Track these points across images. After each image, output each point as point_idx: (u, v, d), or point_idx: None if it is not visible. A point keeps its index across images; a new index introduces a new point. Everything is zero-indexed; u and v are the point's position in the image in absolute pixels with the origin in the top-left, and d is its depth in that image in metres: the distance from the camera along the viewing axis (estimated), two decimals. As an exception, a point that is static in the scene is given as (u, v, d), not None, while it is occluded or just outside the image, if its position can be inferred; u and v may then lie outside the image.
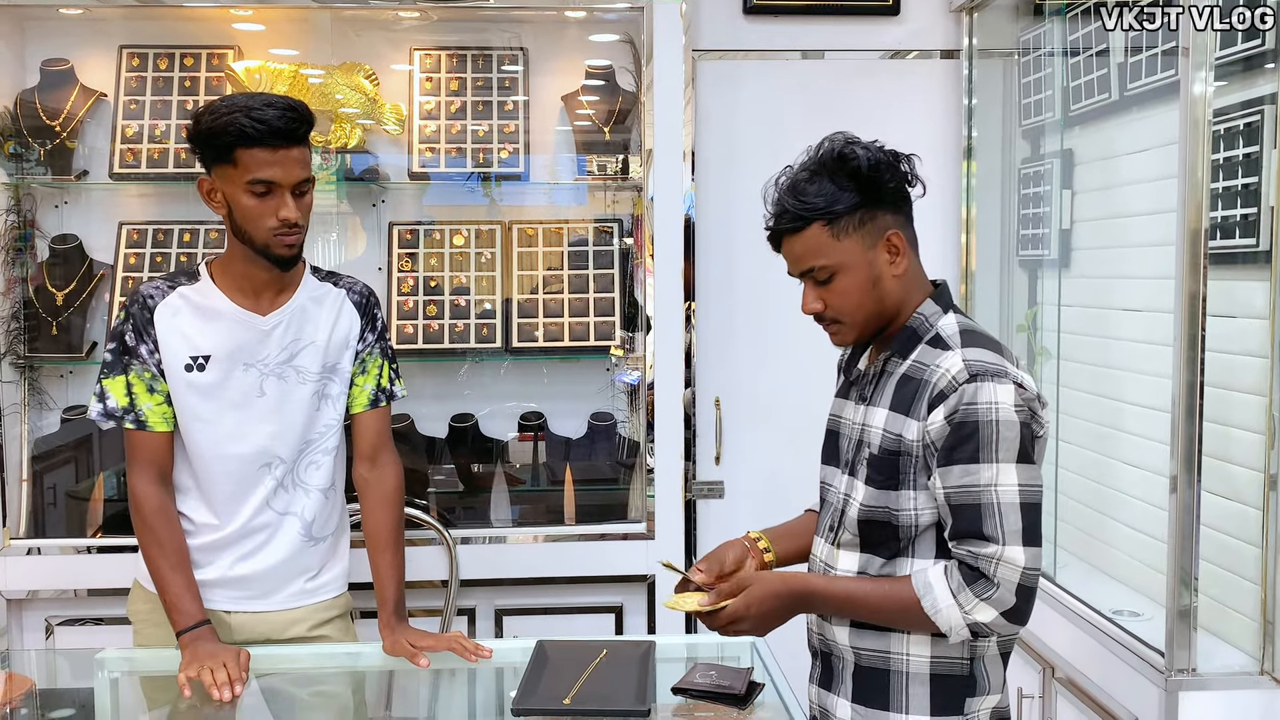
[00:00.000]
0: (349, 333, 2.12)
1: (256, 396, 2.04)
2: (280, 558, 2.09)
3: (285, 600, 2.10)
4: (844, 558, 1.71)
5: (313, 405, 2.08)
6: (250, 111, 1.89)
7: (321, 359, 2.08)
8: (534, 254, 3.15)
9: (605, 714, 1.75)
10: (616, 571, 2.96)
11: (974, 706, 1.65)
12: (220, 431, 2.04)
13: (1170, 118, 2.18)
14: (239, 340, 2.03)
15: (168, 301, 2.04)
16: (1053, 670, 2.48)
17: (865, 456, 1.67)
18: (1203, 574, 2.05)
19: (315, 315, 2.09)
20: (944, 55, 3.19)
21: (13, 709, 1.90)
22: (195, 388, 2.02)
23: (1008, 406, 1.56)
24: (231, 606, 2.09)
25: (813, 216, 1.62)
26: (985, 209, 3.16)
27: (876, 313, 1.67)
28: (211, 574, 2.07)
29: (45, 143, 2.98)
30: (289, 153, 1.93)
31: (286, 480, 2.08)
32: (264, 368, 2.04)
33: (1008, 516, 1.55)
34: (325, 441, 2.11)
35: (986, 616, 1.56)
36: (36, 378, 3.04)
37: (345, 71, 3.02)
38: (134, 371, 2.03)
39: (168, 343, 2.02)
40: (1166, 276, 2.12)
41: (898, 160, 1.65)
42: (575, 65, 3.16)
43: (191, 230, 3.07)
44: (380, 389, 2.17)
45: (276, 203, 1.93)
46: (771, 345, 3.20)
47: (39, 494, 2.99)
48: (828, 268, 1.64)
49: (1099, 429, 2.67)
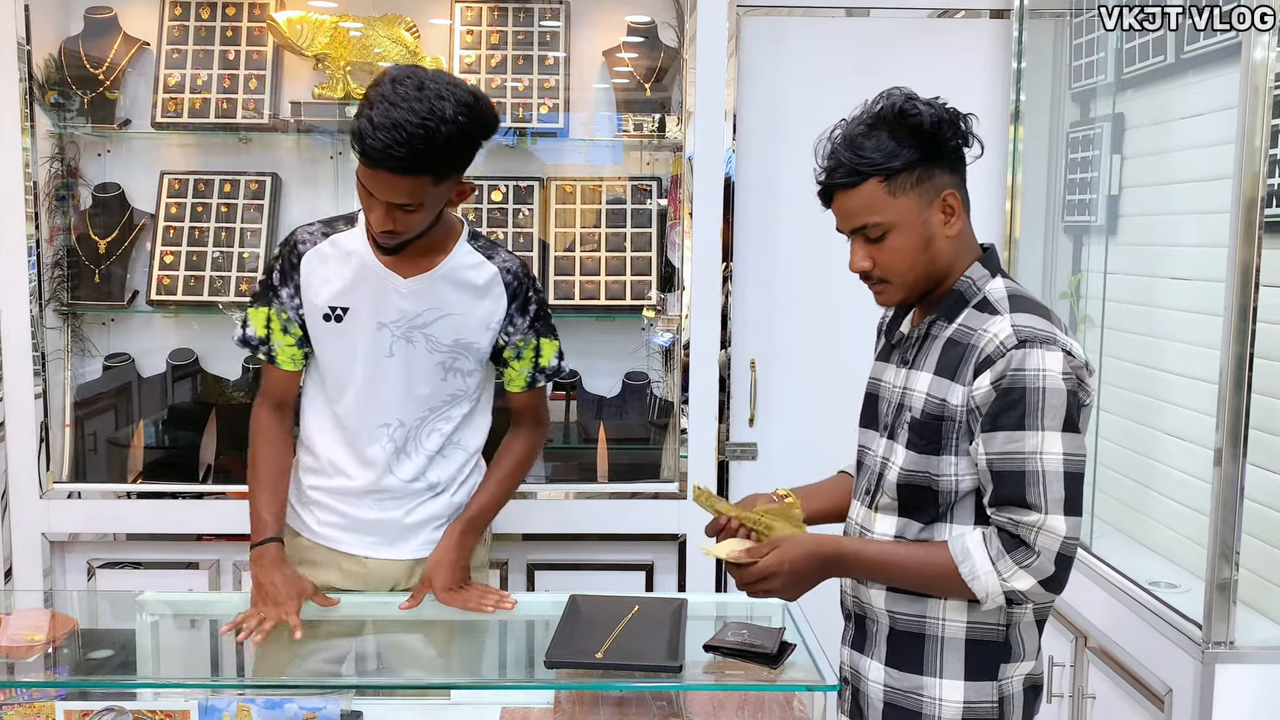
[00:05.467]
0: (491, 314, 2.04)
1: (385, 356, 2.01)
2: (404, 509, 2.09)
3: (417, 549, 2.12)
4: (881, 521, 1.70)
5: (438, 375, 2.04)
6: (371, 121, 1.75)
7: (455, 333, 2.02)
8: (571, 211, 3.13)
9: (637, 668, 1.76)
10: (648, 530, 2.97)
11: (1008, 673, 1.65)
12: (348, 383, 2.03)
13: (1228, 82, 2.13)
14: (376, 298, 1.99)
15: (318, 249, 2.02)
16: (1085, 639, 2.46)
17: (906, 420, 1.65)
18: (1243, 547, 2.02)
19: (459, 287, 2.02)
20: (993, 15, 3.12)
21: (56, 648, 1.93)
22: (331, 337, 2.02)
23: (1055, 374, 1.53)
24: (366, 552, 2.11)
25: (870, 172, 1.58)
26: (1031, 174, 3.10)
27: (926, 274, 1.64)
28: (345, 519, 2.10)
29: (88, 92, 2.99)
30: (389, 178, 1.79)
31: (408, 444, 2.06)
32: (395, 330, 2.01)
33: (1051, 485, 1.53)
34: (450, 409, 2.08)
35: (1024, 584, 1.55)
36: (79, 325, 3.08)
37: (386, 23, 3.00)
38: (274, 308, 2.05)
39: (311, 289, 2.01)
40: (1219, 245, 2.07)
41: (958, 119, 1.61)
42: (617, 20, 3.13)
43: (232, 181, 3.08)
44: (539, 370, 2.14)
45: (374, 204, 1.86)
46: (810, 308, 3.17)
47: (80, 440, 3.04)
48: (881, 225, 1.61)
49: (1141, 399, 2.63)
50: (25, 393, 2.87)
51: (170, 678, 1.96)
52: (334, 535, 2.12)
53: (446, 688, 2.00)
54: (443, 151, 1.79)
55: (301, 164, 3.14)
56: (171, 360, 3.10)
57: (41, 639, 1.84)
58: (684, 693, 1.87)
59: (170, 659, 2.07)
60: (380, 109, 1.76)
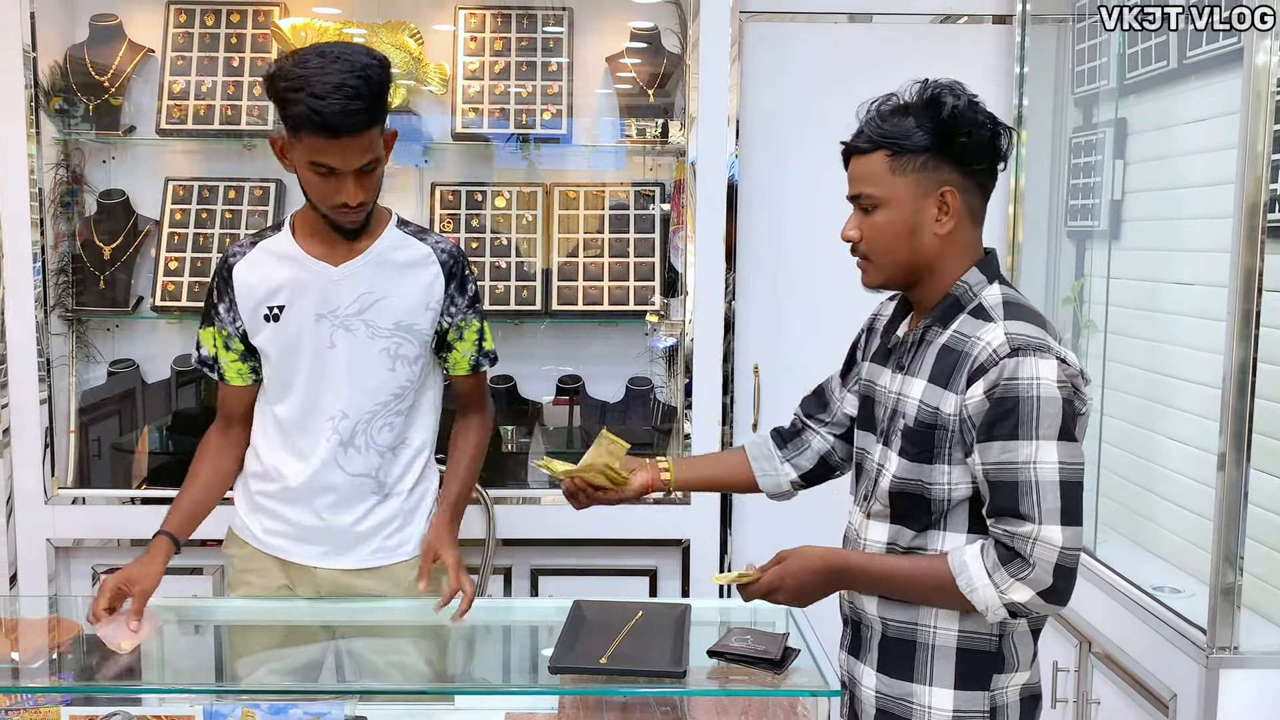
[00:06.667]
0: (429, 294, 2.05)
1: (327, 348, 2.02)
2: (354, 515, 2.08)
3: (365, 558, 2.10)
4: (874, 528, 1.69)
5: (385, 364, 2.04)
6: (313, 98, 1.79)
7: (394, 315, 2.03)
8: (574, 217, 3.14)
9: (641, 674, 1.76)
10: (651, 535, 2.97)
11: (1001, 683, 1.63)
12: (292, 381, 2.04)
13: (1231, 87, 2.13)
14: (310, 290, 2.01)
15: (248, 258, 2.04)
16: (1089, 644, 2.46)
17: (900, 427, 1.65)
18: (1247, 552, 2.02)
19: (392, 269, 2.03)
20: (995, 20, 3.13)
21: (60, 654, 1.94)
22: (272, 337, 2.03)
23: (1050, 382, 1.52)
24: (314, 562, 2.09)
25: (881, 143, 1.60)
26: (1034, 179, 3.10)
27: (907, 264, 1.64)
28: (289, 526, 2.09)
29: (93, 98, 3.00)
30: (353, 140, 1.84)
31: (357, 439, 2.05)
32: (334, 319, 2.01)
33: (1046, 495, 1.52)
34: (399, 404, 2.07)
35: (1023, 596, 1.53)
36: (84, 331, 3.09)
37: (390, 30, 3.01)
38: (215, 325, 2.08)
39: (246, 297, 2.02)
40: (1222, 250, 2.07)
41: (989, 124, 1.60)
42: (620, 26, 3.13)
43: (236, 187, 3.09)
44: (482, 353, 2.15)
45: (337, 184, 1.88)
46: (813, 313, 3.17)
47: (85, 445, 3.05)
48: (874, 198, 1.62)
49: (1145, 404, 2.63)
50: (30, 399, 2.88)
51: (175, 683, 1.96)
52: (280, 544, 2.10)
53: (450, 693, 2.00)
54: (381, 95, 1.87)
55: (305, 170, 3.15)
56: (176, 366, 3.11)
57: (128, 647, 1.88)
58: (688, 698, 1.87)
59: (175, 664, 2.07)
60: (314, 84, 1.80)
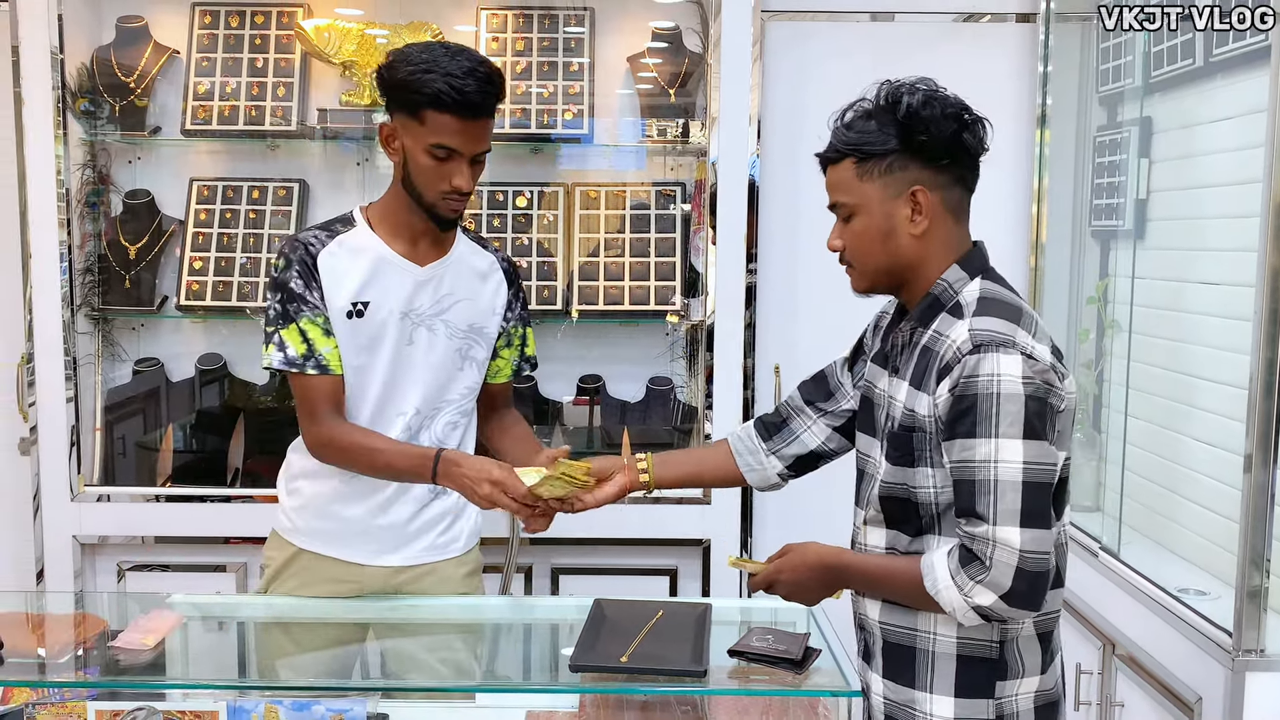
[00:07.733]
0: (497, 299, 2.11)
1: (407, 345, 2.03)
2: (409, 511, 2.07)
3: (416, 555, 2.09)
4: (872, 533, 1.67)
5: (455, 364, 2.06)
6: (450, 77, 1.84)
7: (470, 318, 2.07)
8: (595, 217, 3.14)
9: (662, 673, 1.76)
10: (672, 535, 2.97)
11: (1006, 690, 1.58)
12: (370, 378, 2.02)
13: (1258, 85, 2.11)
14: (397, 288, 2.01)
15: (328, 249, 2.01)
16: (1113, 647, 2.44)
17: (887, 430, 1.64)
18: (1274, 554, 2.00)
19: (470, 274, 2.08)
20: (1019, 19, 3.11)
21: (87, 649, 1.96)
22: (353, 333, 2.01)
23: (1012, 379, 1.46)
24: (366, 560, 2.07)
25: (846, 151, 1.60)
26: (1058, 178, 3.08)
27: (888, 268, 1.63)
28: (340, 524, 2.07)
29: (119, 100, 3.03)
30: (479, 124, 1.90)
31: (422, 435, 2.05)
32: (416, 318, 2.03)
33: (1004, 495, 1.46)
34: (465, 403, 2.09)
35: (985, 600, 1.47)
36: (109, 330, 3.12)
37: (412, 31, 3.02)
38: (305, 318, 1.98)
39: (333, 289, 2.00)
40: (1248, 249, 2.05)
41: (954, 118, 1.55)
42: (641, 26, 3.14)
43: (260, 187, 3.11)
44: (525, 359, 2.20)
45: (453, 168, 1.91)
46: (834, 313, 3.12)
47: (110, 443, 3.07)
48: (848, 205, 1.62)
49: (1170, 404, 2.61)
50: (57, 397, 2.90)
51: (199, 679, 1.97)
52: (330, 544, 2.08)
53: (472, 690, 2.01)
54: (503, 91, 1.94)
55: (328, 170, 3.17)
56: (200, 365, 3.13)
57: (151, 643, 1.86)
58: (708, 697, 1.87)
59: (199, 660, 2.08)
60: (449, 66, 1.85)
